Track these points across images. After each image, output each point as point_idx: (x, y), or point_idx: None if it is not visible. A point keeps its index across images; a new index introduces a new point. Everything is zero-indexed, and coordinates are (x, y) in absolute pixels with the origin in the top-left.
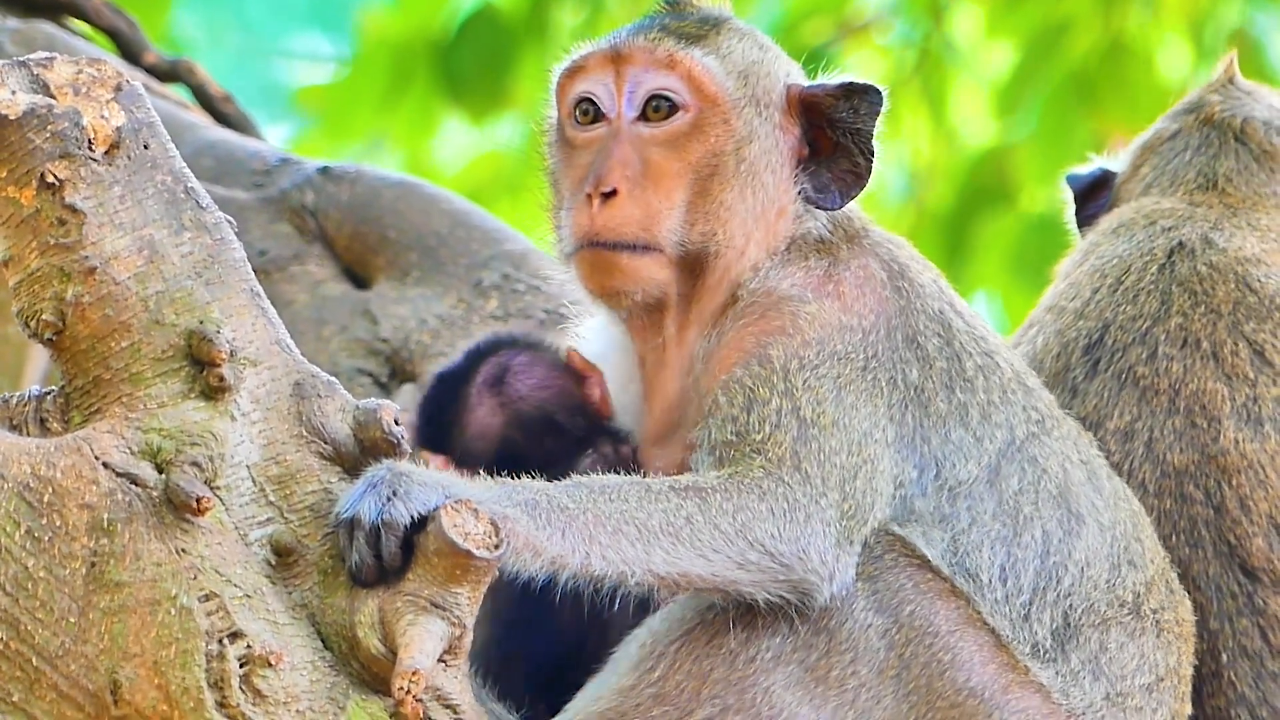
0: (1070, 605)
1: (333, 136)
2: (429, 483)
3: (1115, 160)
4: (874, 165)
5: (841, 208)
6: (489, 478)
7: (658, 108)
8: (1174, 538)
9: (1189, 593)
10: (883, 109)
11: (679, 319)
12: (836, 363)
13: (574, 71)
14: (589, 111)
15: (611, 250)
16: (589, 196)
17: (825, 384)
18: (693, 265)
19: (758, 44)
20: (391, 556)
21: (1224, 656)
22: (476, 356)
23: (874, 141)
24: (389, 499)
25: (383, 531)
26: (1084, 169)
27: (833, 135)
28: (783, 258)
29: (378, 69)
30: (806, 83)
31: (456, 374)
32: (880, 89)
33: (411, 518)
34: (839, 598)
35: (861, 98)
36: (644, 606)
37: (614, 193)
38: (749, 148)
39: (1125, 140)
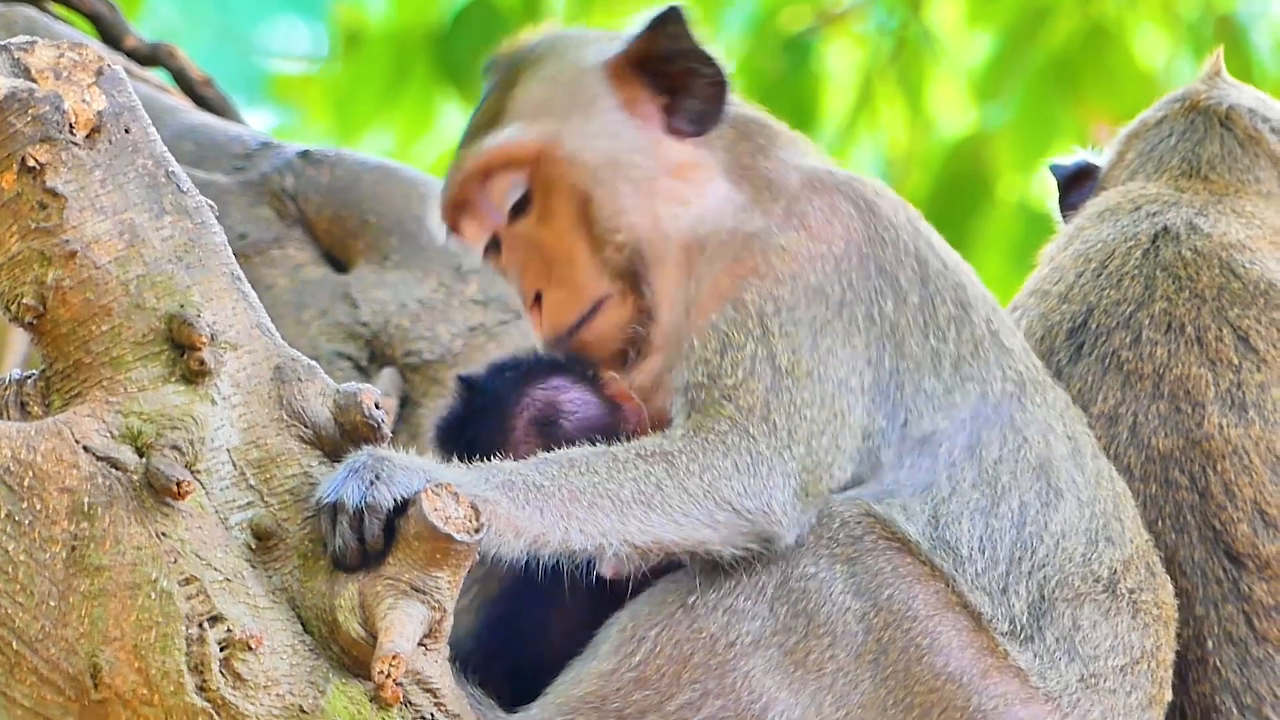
0: (1044, 577)
1: (332, 129)
2: (410, 467)
3: (1098, 155)
4: (718, 64)
5: (722, 116)
6: (465, 463)
7: (512, 205)
8: (1160, 523)
9: (1175, 579)
10: (678, 19)
11: (656, 299)
12: (812, 301)
13: (446, 226)
14: (480, 242)
15: (572, 335)
16: (529, 307)
17: (801, 329)
18: (635, 272)
19: (555, 59)
20: (374, 539)
21: (1209, 643)
22: (520, 384)
23: (701, 47)
24: (372, 482)
25: (366, 515)
26: (1067, 159)
27: (672, 68)
28: (747, 199)
29: (376, 60)
30: (615, 48)
31: (499, 400)
32: (673, 4)
33: (394, 501)
34: (806, 561)
35: (665, 25)
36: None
37: (539, 295)
38: (597, 155)
39: (1107, 126)
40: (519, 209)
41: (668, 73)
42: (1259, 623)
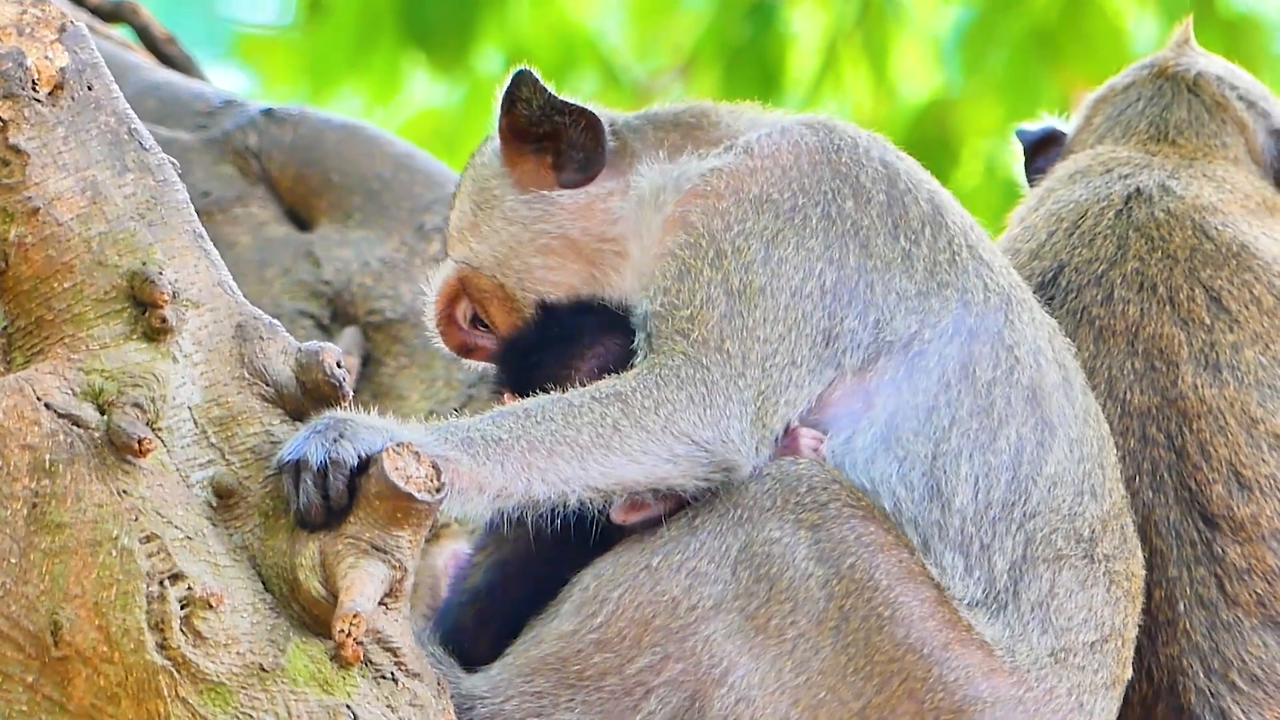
0: (1033, 529)
1: (300, 93)
2: (374, 426)
3: (1064, 121)
4: (578, 108)
5: (604, 151)
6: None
7: (474, 324)
8: (1138, 479)
9: (1150, 539)
10: (527, 84)
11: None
12: (761, 212)
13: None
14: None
15: None
16: None
17: (753, 243)
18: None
19: (469, 171)
20: (339, 495)
21: (1181, 605)
22: (599, 329)
23: (555, 101)
24: (335, 440)
25: (330, 471)
26: (1034, 125)
27: (542, 129)
28: (685, 158)
29: (344, 23)
30: (494, 143)
31: (574, 337)
32: (509, 80)
33: (358, 457)
34: (771, 525)
35: (515, 96)
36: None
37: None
38: (498, 249)
39: (1087, 92)
40: (481, 324)
41: (540, 132)
42: (1230, 586)
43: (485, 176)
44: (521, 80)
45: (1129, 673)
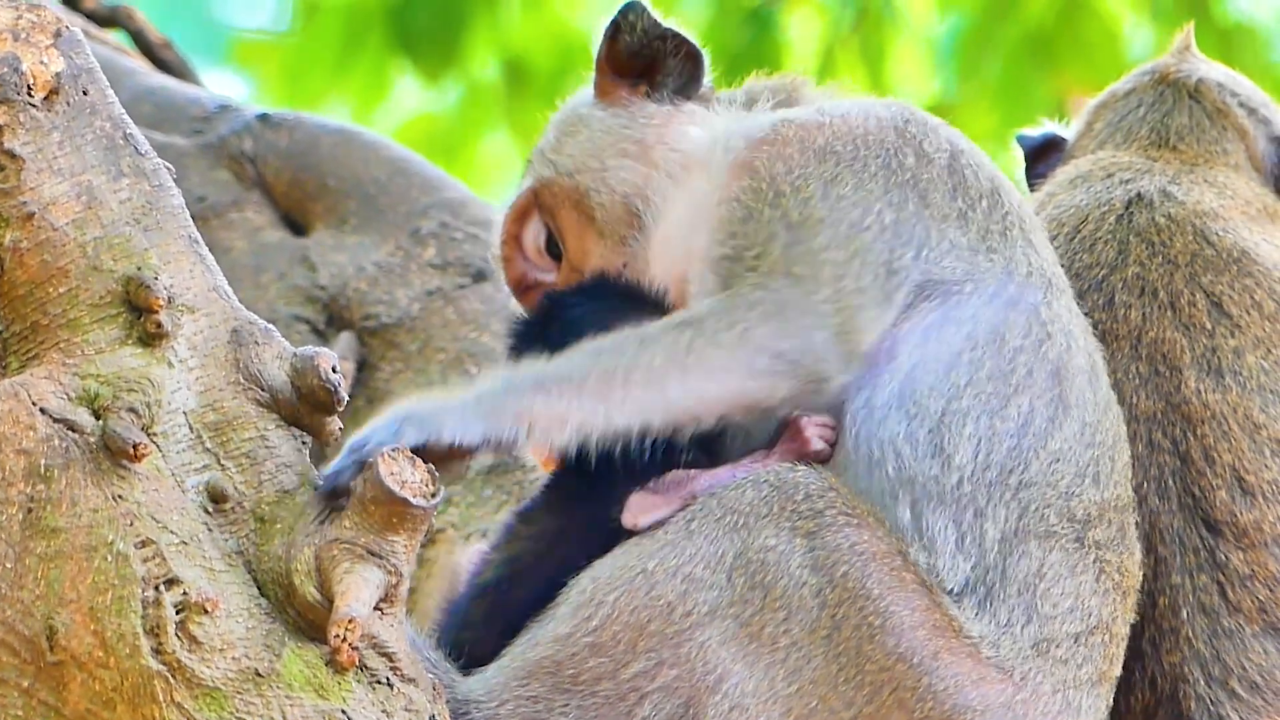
0: (1027, 500)
1: (286, 98)
2: (433, 412)
3: (1065, 127)
4: (681, 35)
5: (701, 77)
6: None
7: (547, 249)
8: (1145, 485)
9: (1154, 546)
10: (635, 10)
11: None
12: (823, 160)
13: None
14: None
15: None
16: None
17: (812, 183)
18: (638, 223)
19: (559, 111)
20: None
21: (1183, 612)
22: (608, 314)
23: (660, 27)
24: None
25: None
26: (1034, 131)
27: (641, 61)
28: (748, 120)
29: (330, 29)
30: (588, 81)
31: (580, 323)
32: (617, 10)
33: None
34: (767, 532)
35: (620, 24)
36: None
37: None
38: (577, 153)
39: (1084, 98)
40: (555, 252)
41: (639, 66)
42: (1232, 593)
43: (575, 106)
44: (630, 8)
45: (1117, 670)
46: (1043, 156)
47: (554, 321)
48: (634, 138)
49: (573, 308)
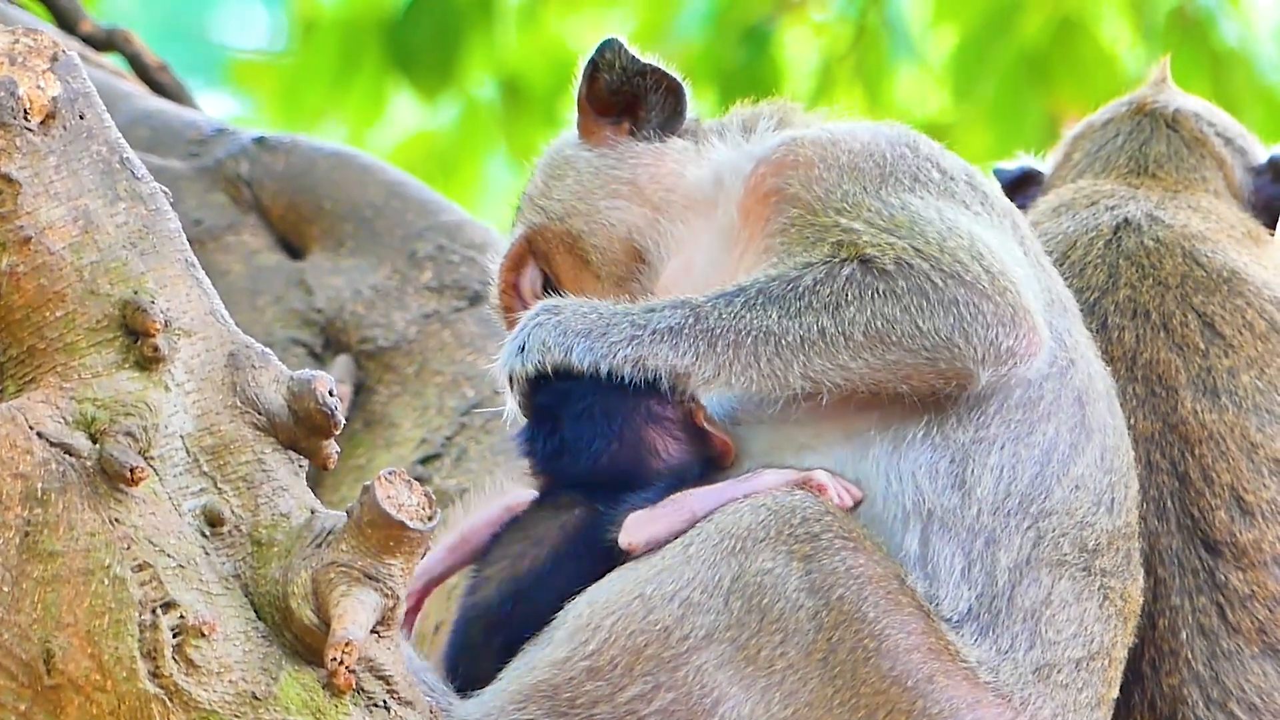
0: (1045, 529)
1: (283, 117)
2: (564, 331)
3: (1041, 161)
4: (661, 71)
5: (684, 113)
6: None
7: (545, 293)
8: (1144, 506)
9: (1154, 568)
10: (612, 49)
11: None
12: (855, 178)
13: None
14: None
15: None
16: None
17: (865, 199)
18: (638, 260)
19: (544, 154)
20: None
21: (1183, 634)
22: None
23: (639, 64)
24: (519, 351)
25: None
26: (1011, 164)
27: (623, 98)
28: (751, 144)
29: (326, 47)
30: (571, 121)
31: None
32: (594, 48)
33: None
34: (764, 555)
35: (599, 62)
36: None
37: None
38: (567, 197)
39: (1077, 118)
40: (548, 293)
41: (621, 103)
42: (1232, 614)
43: (559, 148)
44: (607, 46)
45: (1115, 693)
46: (1020, 189)
47: (566, 414)
48: (624, 178)
49: (580, 399)
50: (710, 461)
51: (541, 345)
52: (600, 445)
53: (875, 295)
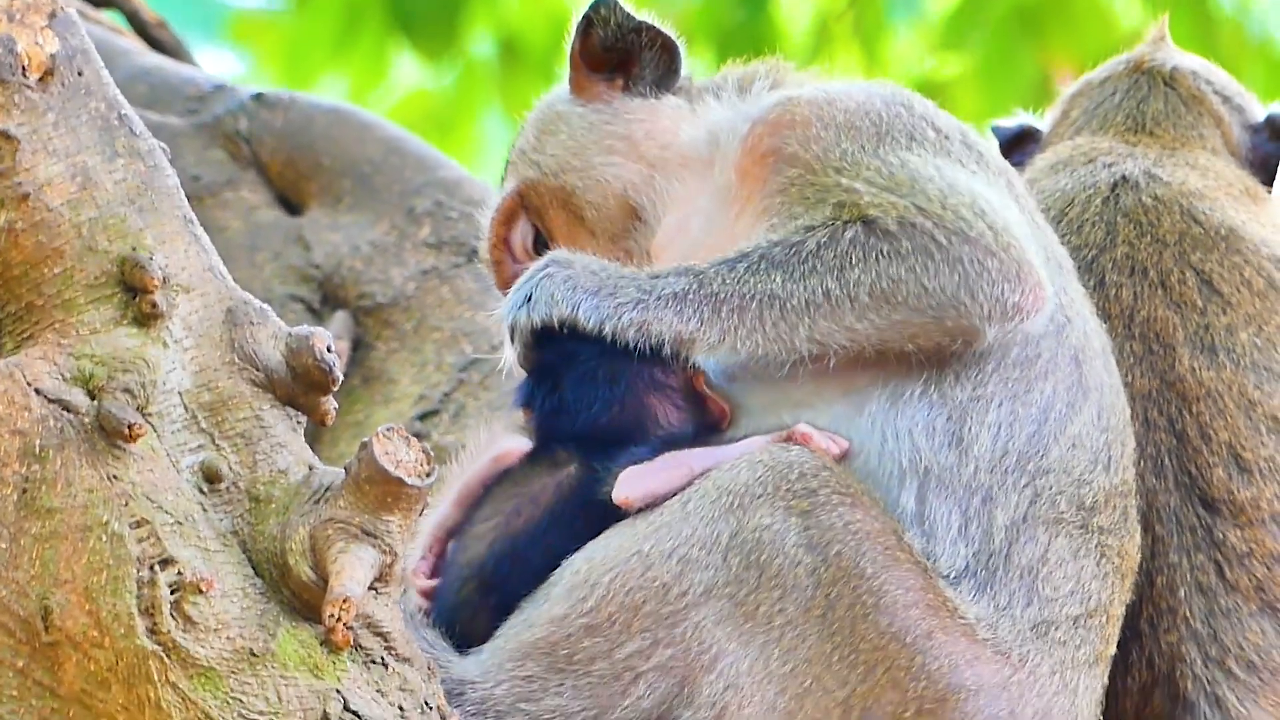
0: (1041, 486)
1: (284, 77)
2: (571, 286)
3: (1039, 118)
4: (655, 27)
5: (678, 70)
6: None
7: (534, 249)
8: (1142, 464)
9: (1151, 526)
10: (606, 4)
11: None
12: (853, 136)
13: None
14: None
15: None
16: None
17: (863, 157)
18: (634, 218)
19: (535, 109)
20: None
21: (1181, 592)
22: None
23: (633, 20)
24: (524, 302)
25: (515, 336)
26: (1009, 121)
27: (616, 55)
28: (746, 104)
29: (329, 7)
30: (563, 76)
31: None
32: (588, 3)
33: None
34: (762, 511)
35: (593, 18)
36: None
37: None
38: (560, 153)
39: (1070, 73)
40: (543, 251)
41: (614, 60)
42: (1229, 572)
43: (551, 103)
44: (602, 2)
45: (1112, 650)
46: (1018, 146)
47: (568, 375)
48: (618, 134)
49: (584, 359)
50: (708, 426)
51: (550, 298)
52: (600, 408)
53: (880, 256)
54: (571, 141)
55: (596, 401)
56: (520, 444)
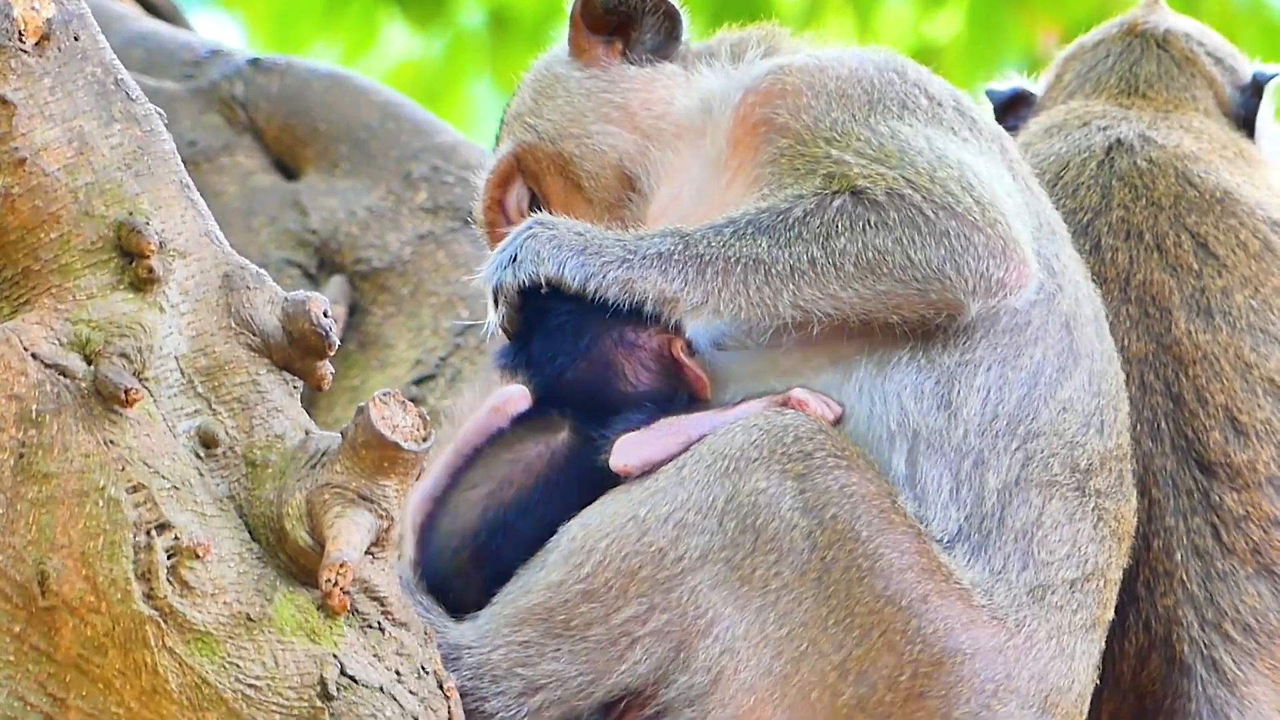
0: (1033, 449)
1: (273, 45)
2: (557, 245)
3: (1033, 81)
4: None
5: (679, 38)
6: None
7: (530, 212)
8: (1138, 427)
9: (1148, 489)
10: None
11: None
12: (844, 105)
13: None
14: None
15: None
16: None
17: (854, 127)
18: (629, 186)
19: (532, 70)
20: (510, 322)
21: (1178, 555)
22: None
23: None
24: (510, 262)
25: (500, 297)
26: (1003, 84)
27: (618, 17)
28: (739, 72)
29: None
30: (562, 36)
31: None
32: None
33: (525, 282)
34: (758, 475)
35: None
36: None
37: None
38: (558, 118)
39: (1055, 36)
40: (534, 210)
41: (615, 22)
42: (1226, 535)
43: (549, 65)
44: None
45: (1110, 614)
46: (1012, 110)
47: (539, 328)
48: (615, 102)
49: (557, 314)
50: (685, 393)
51: (535, 256)
52: (564, 361)
53: (867, 226)
54: (569, 108)
55: (561, 354)
56: (521, 393)
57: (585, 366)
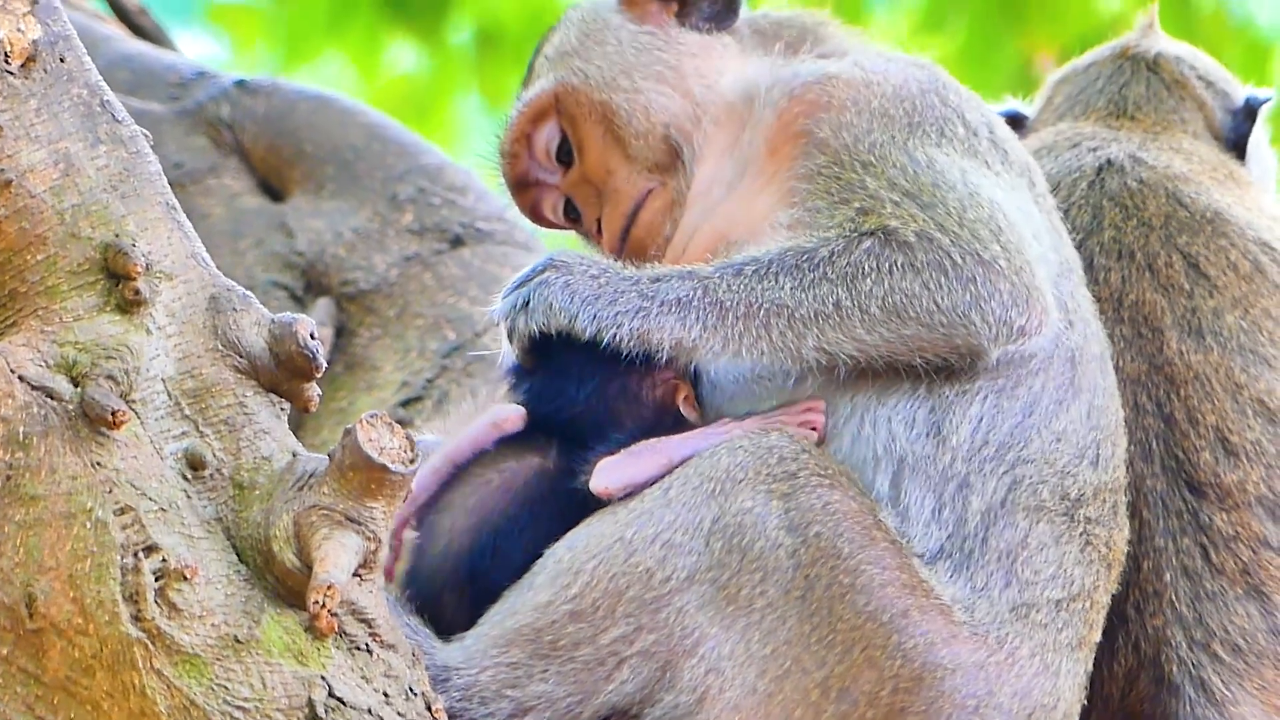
0: (1021, 475)
1: (283, 64)
2: (571, 294)
3: (1027, 104)
4: None
5: (736, 9)
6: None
7: (558, 155)
8: (1130, 448)
9: (1139, 510)
10: None
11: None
12: (884, 126)
13: (527, 215)
14: (558, 213)
15: (624, 239)
16: (594, 238)
17: (891, 151)
18: (673, 152)
19: (576, 12)
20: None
21: (1167, 575)
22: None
23: None
24: (521, 306)
25: (513, 338)
26: (997, 107)
27: None
28: (795, 61)
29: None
30: None
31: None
32: None
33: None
34: (744, 495)
35: None
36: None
37: (598, 225)
38: (608, 67)
39: (1051, 57)
40: (565, 159)
41: None
42: (1215, 555)
43: (599, 10)
44: None
45: (1097, 636)
46: None
47: (547, 365)
48: (669, 63)
49: (566, 359)
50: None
51: (547, 307)
52: (564, 403)
53: (894, 268)
54: (619, 59)
55: (563, 397)
56: (520, 414)
57: (585, 412)
